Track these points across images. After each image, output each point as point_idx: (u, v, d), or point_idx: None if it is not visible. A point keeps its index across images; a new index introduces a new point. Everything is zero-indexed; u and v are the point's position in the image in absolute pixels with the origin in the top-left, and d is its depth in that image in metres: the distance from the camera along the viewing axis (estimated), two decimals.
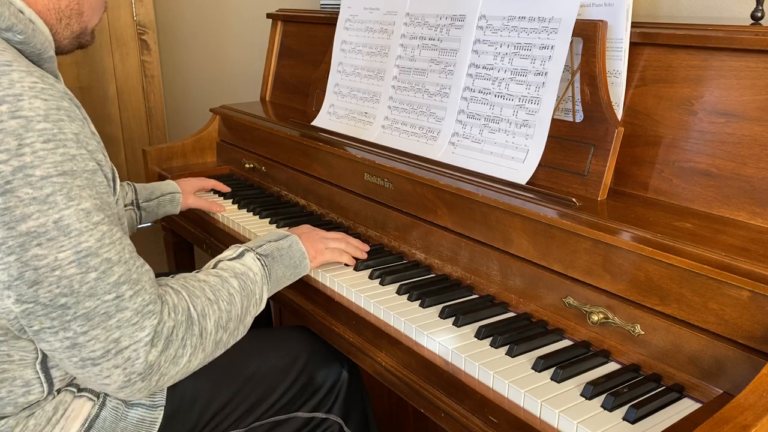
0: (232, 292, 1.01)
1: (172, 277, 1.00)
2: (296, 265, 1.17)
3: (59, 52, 1.00)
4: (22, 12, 0.88)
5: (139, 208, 1.50)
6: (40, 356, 0.94)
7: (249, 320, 1.05)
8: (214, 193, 1.75)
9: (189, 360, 0.92)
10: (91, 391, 1.02)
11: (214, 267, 1.06)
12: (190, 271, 1.04)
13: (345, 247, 1.27)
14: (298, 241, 1.19)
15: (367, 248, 1.32)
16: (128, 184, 1.51)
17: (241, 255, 1.09)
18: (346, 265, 1.27)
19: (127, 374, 0.86)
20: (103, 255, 0.84)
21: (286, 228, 1.30)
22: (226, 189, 1.72)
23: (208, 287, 0.98)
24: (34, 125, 0.80)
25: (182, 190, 1.59)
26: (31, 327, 0.84)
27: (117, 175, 0.95)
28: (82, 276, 0.82)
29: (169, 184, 1.59)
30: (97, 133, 0.93)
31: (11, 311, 0.84)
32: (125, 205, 1.47)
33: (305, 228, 1.28)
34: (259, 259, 1.09)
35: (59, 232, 0.81)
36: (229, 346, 1.01)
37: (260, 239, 1.16)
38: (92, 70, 2.91)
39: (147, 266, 0.90)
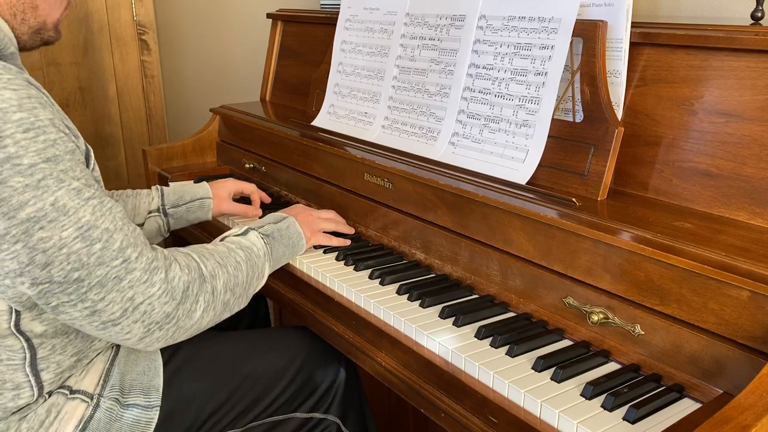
0: (238, 260, 1.08)
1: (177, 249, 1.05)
2: (294, 244, 1.26)
3: (22, 48, 0.99)
4: None
5: (165, 214, 1.41)
6: (28, 357, 0.94)
7: (251, 292, 1.12)
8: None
9: (201, 316, 0.99)
10: (85, 393, 1.01)
11: (221, 241, 1.14)
12: None
13: (335, 227, 1.37)
14: (295, 222, 1.28)
15: (352, 231, 1.40)
16: (156, 188, 1.43)
17: (245, 233, 1.17)
18: (329, 251, 1.35)
19: (146, 325, 0.92)
20: (101, 226, 0.88)
21: (282, 210, 1.35)
22: (267, 199, 1.58)
23: (216, 254, 1.06)
24: (10, 116, 0.82)
25: (215, 195, 1.46)
26: (48, 304, 0.87)
27: (92, 153, 0.98)
28: (88, 248, 0.86)
29: (202, 187, 1.47)
30: (67, 117, 0.95)
31: (23, 294, 0.87)
32: (149, 212, 1.40)
33: (299, 208, 1.37)
34: (261, 238, 1.17)
35: (58, 213, 0.84)
36: (233, 312, 1.08)
37: (260, 221, 1.25)
38: (92, 70, 2.90)
39: (138, 229, 0.95)
